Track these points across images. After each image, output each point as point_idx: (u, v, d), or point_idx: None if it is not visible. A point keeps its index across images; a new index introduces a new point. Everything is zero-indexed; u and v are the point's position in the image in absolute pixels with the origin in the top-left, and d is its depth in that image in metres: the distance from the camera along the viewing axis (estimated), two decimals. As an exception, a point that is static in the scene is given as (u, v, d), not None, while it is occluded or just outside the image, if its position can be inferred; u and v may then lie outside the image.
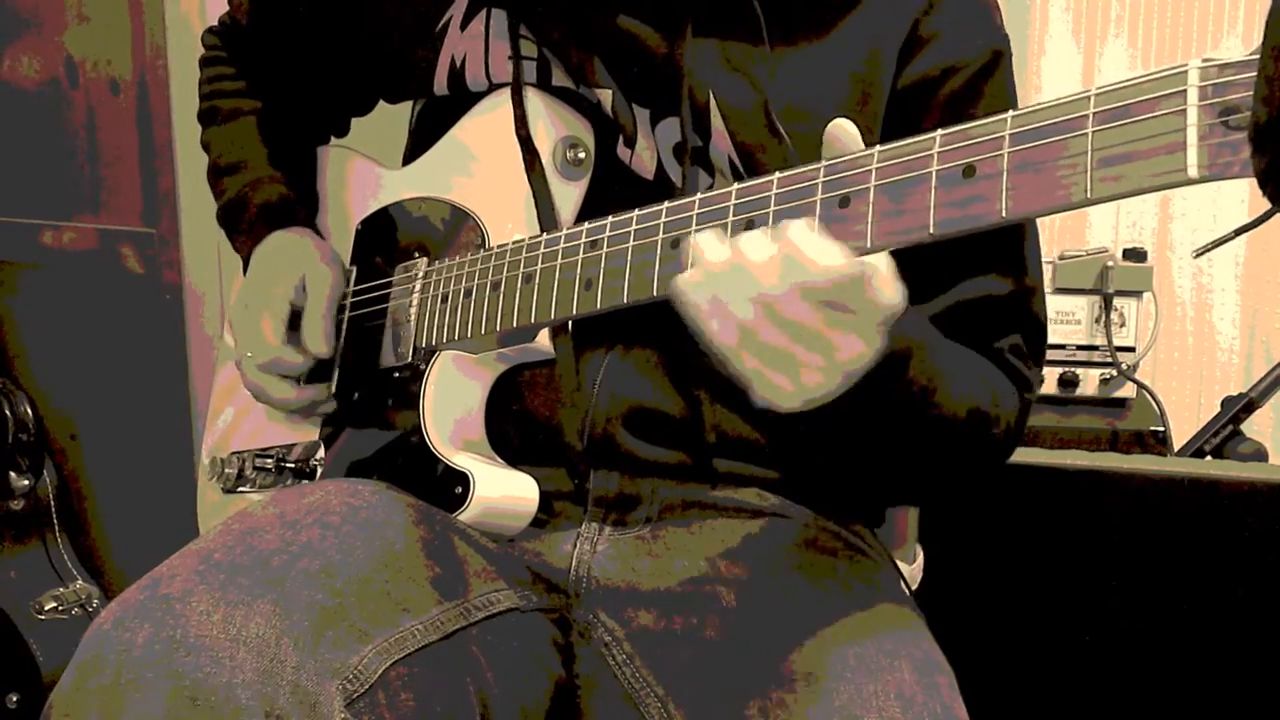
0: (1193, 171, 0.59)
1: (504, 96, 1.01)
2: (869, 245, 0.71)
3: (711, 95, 0.96)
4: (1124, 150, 0.62)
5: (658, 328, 0.96)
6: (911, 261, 0.74)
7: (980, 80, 0.97)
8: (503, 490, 0.97)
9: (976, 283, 0.96)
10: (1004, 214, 0.66)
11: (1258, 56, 0.56)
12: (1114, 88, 0.63)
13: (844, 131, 0.75)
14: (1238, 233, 1.55)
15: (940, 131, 0.69)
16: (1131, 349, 2.01)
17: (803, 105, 0.96)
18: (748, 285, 0.71)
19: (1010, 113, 0.66)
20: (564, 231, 0.90)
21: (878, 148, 0.72)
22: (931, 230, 0.69)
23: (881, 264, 0.72)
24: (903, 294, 0.73)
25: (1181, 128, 0.60)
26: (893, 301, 0.73)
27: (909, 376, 0.82)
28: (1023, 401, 0.98)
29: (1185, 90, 0.60)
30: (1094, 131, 0.63)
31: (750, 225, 0.76)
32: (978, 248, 0.69)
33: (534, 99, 1.00)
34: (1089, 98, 0.64)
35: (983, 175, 0.67)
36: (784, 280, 0.70)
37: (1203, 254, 1.70)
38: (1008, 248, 0.97)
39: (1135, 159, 0.61)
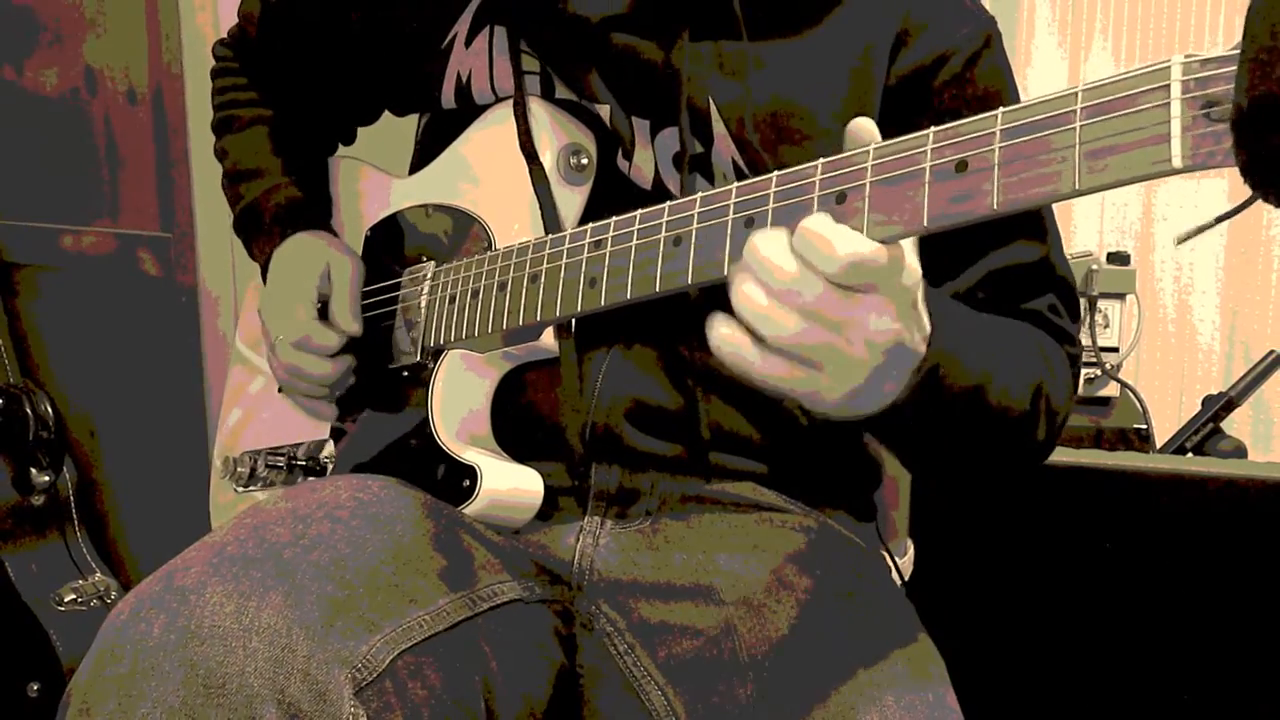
0: (1177, 161, 0.60)
1: (508, 108, 1.01)
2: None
3: (711, 100, 0.97)
4: (1110, 143, 0.62)
5: (658, 327, 0.98)
6: (936, 239, 0.73)
7: (973, 64, 0.97)
8: (509, 484, 0.98)
9: (1003, 253, 0.96)
10: (994, 207, 0.66)
11: (1238, 51, 0.57)
12: (1100, 84, 0.63)
13: (862, 129, 0.74)
14: (1219, 220, 1.57)
15: (933, 129, 0.69)
16: (1115, 349, 2.02)
17: (797, 102, 0.96)
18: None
19: (1001, 110, 0.67)
20: (568, 232, 0.90)
21: (873, 145, 0.72)
22: (925, 224, 0.69)
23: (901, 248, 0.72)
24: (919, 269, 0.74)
25: (1166, 120, 0.60)
26: (914, 278, 0.73)
27: (949, 385, 0.80)
28: (1070, 357, 0.98)
29: (1169, 84, 0.60)
30: (1081, 126, 0.63)
31: (750, 223, 0.76)
32: (1001, 220, 0.70)
33: (537, 109, 1.01)
34: (1076, 94, 0.64)
35: (974, 170, 0.67)
36: (806, 271, 0.70)
37: (1184, 241, 1.69)
38: (1029, 215, 0.96)
39: (1121, 151, 0.62)
